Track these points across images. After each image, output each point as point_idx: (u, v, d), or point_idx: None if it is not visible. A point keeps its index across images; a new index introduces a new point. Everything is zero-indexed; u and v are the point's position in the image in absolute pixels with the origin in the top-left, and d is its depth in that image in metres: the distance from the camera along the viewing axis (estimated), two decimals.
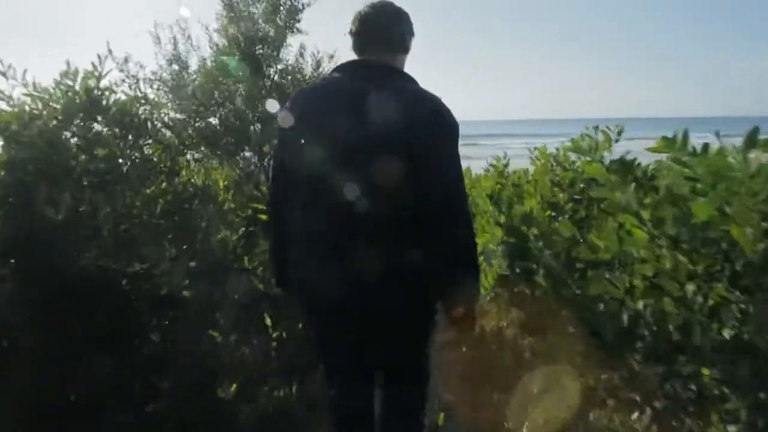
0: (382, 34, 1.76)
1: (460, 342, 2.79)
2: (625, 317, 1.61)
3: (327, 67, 4.11)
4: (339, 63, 1.81)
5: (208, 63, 3.75)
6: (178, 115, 3.60)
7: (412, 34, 1.84)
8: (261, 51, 3.67)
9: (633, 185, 1.48)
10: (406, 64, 1.86)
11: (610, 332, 1.62)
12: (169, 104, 3.58)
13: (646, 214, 1.38)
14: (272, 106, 3.71)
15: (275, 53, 3.83)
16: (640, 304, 1.60)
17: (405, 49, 1.83)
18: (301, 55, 4.12)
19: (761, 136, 1.40)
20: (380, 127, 1.58)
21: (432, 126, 1.62)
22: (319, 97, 1.75)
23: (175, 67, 3.73)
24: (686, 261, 1.37)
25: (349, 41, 1.79)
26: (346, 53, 1.81)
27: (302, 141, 1.69)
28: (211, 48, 3.79)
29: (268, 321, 2.61)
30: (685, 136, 1.42)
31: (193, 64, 3.83)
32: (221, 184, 3.75)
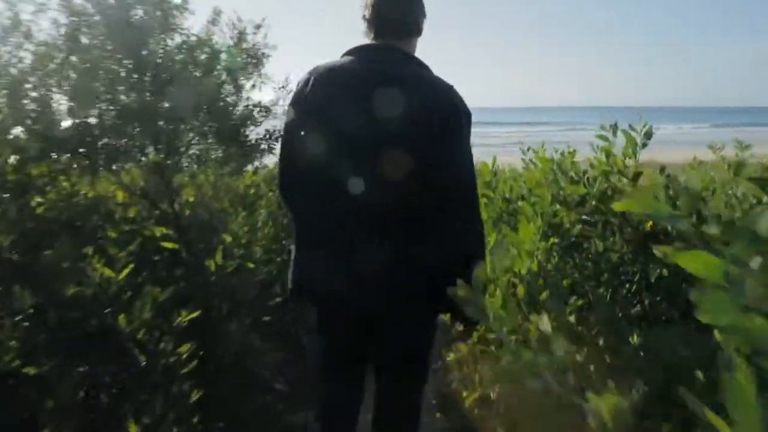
0: (397, 20, 1.85)
1: None
2: None
3: (253, 40, 3.24)
4: (352, 46, 1.88)
5: (62, 32, 2.81)
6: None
7: (424, 15, 1.95)
8: (143, 17, 2.75)
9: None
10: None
11: None
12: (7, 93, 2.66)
13: None
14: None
15: (168, 20, 2.90)
16: None
17: (419, 32, 1.95)
18: (214, 22, 3.20)
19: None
20: (398, 116, 1.67)
21: (448, 115, 1.73)
22: (333, 83, 1.80)
23: (17, 39, 2.77)
24: None
25: (353, 25, 1.89)
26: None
27: (314, 130, 1.76)
28: (64, 11, 2.83)
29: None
30: None
31: (40, 35, 2.87)
32: (121, 195, 2.87)
